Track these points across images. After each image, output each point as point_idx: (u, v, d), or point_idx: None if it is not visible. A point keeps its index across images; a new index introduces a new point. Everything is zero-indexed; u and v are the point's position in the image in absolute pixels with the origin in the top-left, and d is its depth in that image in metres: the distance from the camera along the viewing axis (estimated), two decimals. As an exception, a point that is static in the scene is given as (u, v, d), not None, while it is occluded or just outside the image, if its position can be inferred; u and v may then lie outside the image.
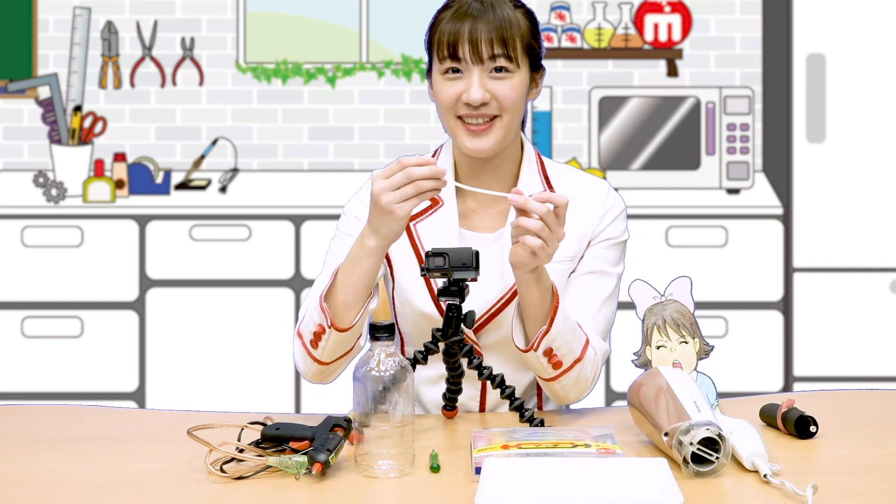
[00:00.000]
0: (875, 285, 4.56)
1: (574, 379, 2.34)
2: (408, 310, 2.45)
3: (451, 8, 2.38)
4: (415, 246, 2.44)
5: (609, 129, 4.75)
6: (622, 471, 1.97)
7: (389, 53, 4.99)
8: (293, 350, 2.38)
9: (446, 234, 2.42)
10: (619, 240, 2.46)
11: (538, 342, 2.28)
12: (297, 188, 4.83)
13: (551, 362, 2.31)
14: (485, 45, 2.33)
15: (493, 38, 2.33)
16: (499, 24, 2.34)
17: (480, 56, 2.33)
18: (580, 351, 2.33)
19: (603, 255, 2.44)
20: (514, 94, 2.36)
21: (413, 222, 2.43)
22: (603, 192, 2.47)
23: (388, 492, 2.00)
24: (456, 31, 2.34)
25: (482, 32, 2.33)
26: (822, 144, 4.56)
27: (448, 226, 2.43)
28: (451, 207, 2.44)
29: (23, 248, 4.58)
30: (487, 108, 2.35)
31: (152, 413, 2.74)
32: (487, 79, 2.35)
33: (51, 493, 2.00)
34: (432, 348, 2.26)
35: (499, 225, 2.46)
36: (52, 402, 4.29)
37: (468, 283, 2.24)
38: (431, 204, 2.43)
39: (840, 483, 2.00)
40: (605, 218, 2.45)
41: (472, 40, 2.33)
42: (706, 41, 5.01)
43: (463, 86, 2.35)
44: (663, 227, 4.58)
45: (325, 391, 2.82)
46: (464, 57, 2.34)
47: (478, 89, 2.34)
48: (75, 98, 4.79)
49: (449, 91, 2.37)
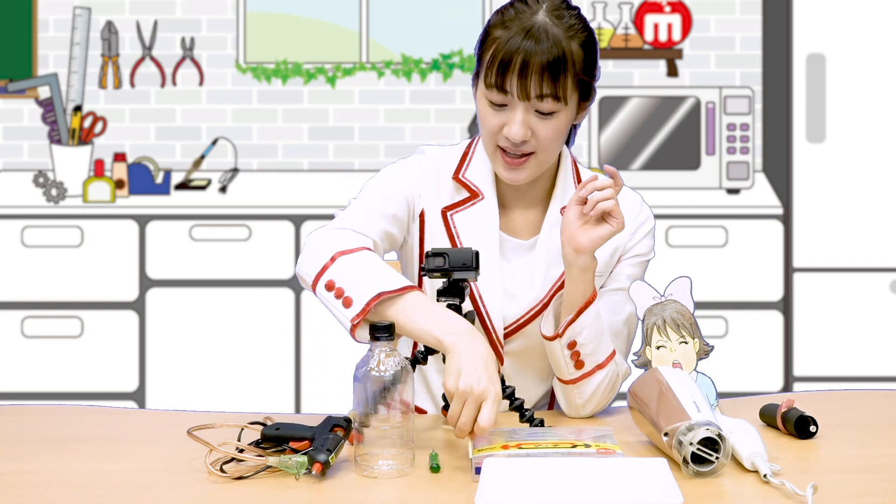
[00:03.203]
0: (875, 285, 4.56)
1: (593, 389, 2.32)
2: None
3: (508, 28, 2.26)
4: (451, 237, 2.37)
5: (609, 129, 4.75)
6: (622, 471, 1.97)
7: (389, 53, 4.99)
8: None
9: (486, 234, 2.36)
10: (646, 257, 2.43)
11: (564, 328, 2.27)
12: (297, 188, 4.82)
13: (574, 359, 2.30)
14: (534, 83, 2.24)
15: (544, 74, 2.24)
16: (551, 59, 2.23)
17: (528, 93, 2.24)
18: (604, 358, 2.32)
19: (630, 272, 2.41)
20: (555, 134, 2.29)
21: (450, 212, 2.38)
22: (637, 206, 2.42)
23: (388, 492, 2.00)
24: (509, 56, 2.24)
25: (534, 65, 2.23)
26: (822, 144, 4.56)
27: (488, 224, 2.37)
28: (492, 205, 2.37)
29: (23, 248, 4.58)
30: (526, 145, 2.29)
31: (152, 413, 2.74)
32: (532, 116, 2.27)
33: (51, 493, 2.00)
34: (432, 348, 2.26)
35: (532, 232, 2.41)
36: (52, 402, 4.29)
37: (468, 283, 2.23)
38: (470, 196, 2.39)
39: (840, 483, 2.00)
40: (637, 234, 2.41)
41: (524, 73, 2.23)
42: (706, 41, 5.01)
43: (506, 118, 2.28)
44: (663, 227, 4.58)
45: (325, 391, 2.81)
46: (511, 91, 2.25)
47: (519, 127, 2.26)
48: (75, 98, 4.79)
49: (492, 121, 2.29)
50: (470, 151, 2.42)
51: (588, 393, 2.33)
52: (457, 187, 2.39)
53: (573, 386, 2.33)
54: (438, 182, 2.39)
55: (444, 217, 2.37)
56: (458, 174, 2.39)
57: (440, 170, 2.40)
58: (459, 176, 2.39)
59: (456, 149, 2.44)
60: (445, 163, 2.40)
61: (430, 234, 2.37)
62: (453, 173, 2.39)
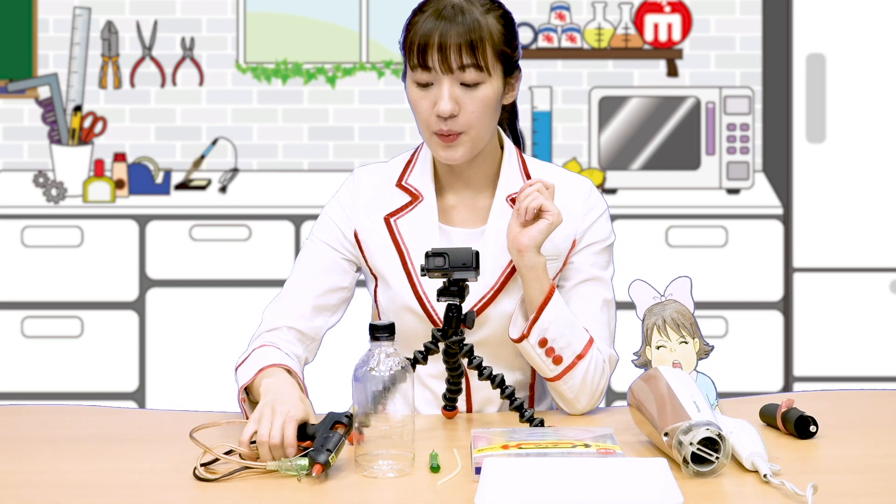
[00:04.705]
0: (875, 285, 4.56)
1: (580, 379, 2.34)
2: (391, 306, 2.45)
3: (424, 12, 2.37)
4: (395, 241, 2.44)
5: (609, 129, 4.75)
6: (622, 471, 1.97)
7: (389, 53, 4.99)
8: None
9: (426, 230, 2.43)
10: (606, 243, 2.46)
11: (528, 328, 2.31)
12: (297, 188, 4.83)
13: (549, 356, 2.32)
14: (454, 53, 2.32)
15: (462, 44, 2.32)
16: (468, 31, 2.32)
17: (450, 66, 2.33)
18: (582, 347, 2.34)
19: (594, 260, 2.44)
20: (481, 107, 2.36)
21: (393, 218, 2.44)
22: (585, 190, 2.47)
23: (388, 492, 2.00)
24: (426, 37, 2.34)
25: (451, 38, 2.32)
26: (822, 144, 4.56)
27: (428, 221, 2.44)
28: (431, 203, 2.45)
29: (23, 248, 4.58)
30: (455, 122, 2.35)
31: (152, 413, 2.74)
32: (458, 89, 2.34)
33: (51, 493, 2.00)
34: (432, 348, 2.26)
35: (480, 221, 2.46)
36: (52, 402, 4.29)
37: (468, 283, 2.24)
38: (412, 199, 2.45)
39: (840, 483, 2.00)
40: (588, 217, 2.45)
41: (442, 47, 2.32)
42: (706, 41, 5.01)
43: (434, 95, 2.36)
44: (663, 227, 4.58)
45: (324, 391, 2.82)
46: (433, 66, 2.34)
47: (447, 102, 2.34)
48: (75, 98, 4.79)
49: (423, 104, 2.37)
50: (414, 158, 2.51)
51: (576, 385, 2.35)
52: (400, 194, 2.47)
53: (559, 382, 2.35)
54: (377, 195, 2.47)
55: (388, 223, 2.45)
56: (400, 181, 2.48)
57: (381, 182, 2.49)
58: (402, 182, 2.47)
59: (400, 158, 2.53)
60: (386, 174, 2.50)
61: (373, 245, 2.45)
62: (396, 181, 2.48)
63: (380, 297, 2.48)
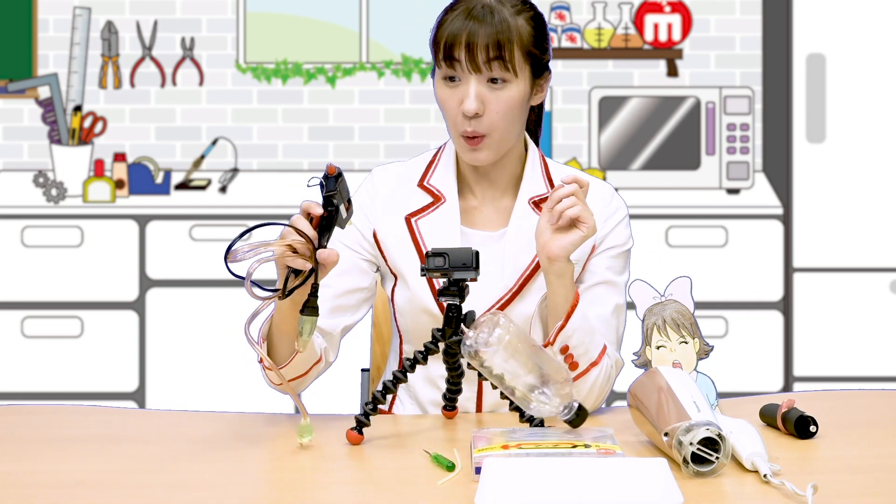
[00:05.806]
0: (875, 285, 4.56)
1: (590, 385, 2.34)
2: (409, 307, 2.46)
3: (455, 10, 2.37)
4: (416, 242, 2.44)
5: (609, 129, 4.75)
6: (622, 471, 1.97)
7: (389, 53, 4.99)
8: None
9: (448, 232, 2.43)
10: (624, 248, 2.47)
11: (555, 336, 2.30)
12: (297, 188, 4.82)
13: (567, 362, 2.32)
14: (481, 52, 2.33)
15: (490, 44, 2.33)
16: (496, 31, 2.33)
17: (477, 65, 2.33)
18: (597, 355, 2.34)
19: (610, 264, 2.45)
20: (506, 108, 2.36)
21: (414, 218, 2.45)
22: (607, 195, 2.47)
23: (387, 492, 2.01)
24: (454, 36, 2.34)
25: (479, 38, 2.32)
26: (822, 144, 4.56)
27: (450, 223, 2.44)
28: (453, 204, 2.45)
29: (23, 248, 4.58)
30: (479, 122, 2.36)
31: (152, 413, 2.75)
32: (484, 88, 2.35)
33: (51, 493, 2.00)
34: (432, 348, 2.26)
35: (501, 224, 2.46)
36: (52, 402, 4.29)
37: (468, 283, 2.24)
38: (434, 200, 2.45)
39: (840, 483, 2.00)
40: (609, 222, 2.45)
41: (470, 46, 2.33)
42: (706, 41, 5.01)
43: (461, 94, 2.36)
44: (663, 227, 4.58)
45: (325, 391, 2.81)
46: (460, 61, 2.34)
47: (472, 101, 2.34)
48: (75, 98, 4.79)
49: (451, 103, 2.38)
50: (436, 159, 2.50)
51: (585, 390, 2.35)
52: (422, 194, 2.47)
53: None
54: (397, 194, 2.48)
55: (409, 223, 2.45)
56: (423, 181, 2.48)
57: (400, 182, 2.49)
58: (424, 183, 2.47)
59: (421, 158, 2.53)
60: (406, 174, 2.49)
61: (392, 245, 2.46)
62: (418, 181, 2.48)
63: (397, 297, 2.48)
